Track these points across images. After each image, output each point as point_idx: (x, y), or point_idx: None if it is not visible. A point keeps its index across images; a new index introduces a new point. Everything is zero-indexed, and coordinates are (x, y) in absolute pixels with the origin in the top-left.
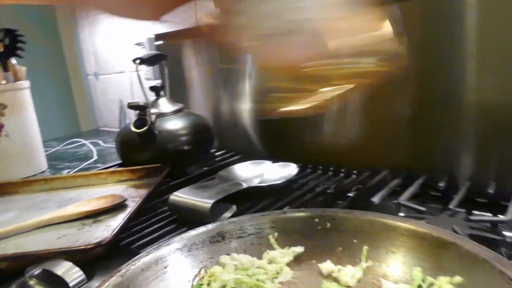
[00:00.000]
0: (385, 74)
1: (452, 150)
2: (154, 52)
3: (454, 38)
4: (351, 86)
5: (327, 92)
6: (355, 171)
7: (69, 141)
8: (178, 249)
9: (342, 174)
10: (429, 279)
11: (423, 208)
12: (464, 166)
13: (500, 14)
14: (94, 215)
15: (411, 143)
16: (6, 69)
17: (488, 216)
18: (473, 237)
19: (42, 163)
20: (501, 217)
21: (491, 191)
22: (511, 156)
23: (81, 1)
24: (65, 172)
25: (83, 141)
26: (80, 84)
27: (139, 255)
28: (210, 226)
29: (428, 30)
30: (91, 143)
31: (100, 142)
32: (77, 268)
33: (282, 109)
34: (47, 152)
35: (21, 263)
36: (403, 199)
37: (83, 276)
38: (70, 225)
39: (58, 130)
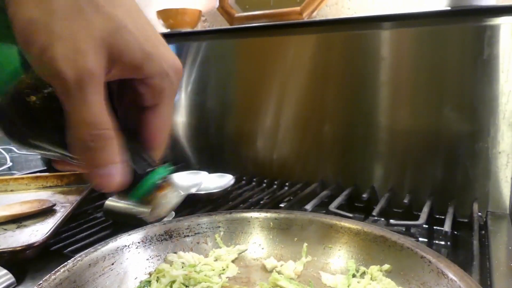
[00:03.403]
0: None
1: (372, 166)
2: None
3: (370, 68)
4: None
5: None
6: (287, 184)
7: None
8: (126, 246)
9: (275, 186)
10: (362, 268)
11: (350, 215)
12: (383, 181)
13: (410, 49)
14: (17, 220)
15: (339, 159)
16: None
17: (404, 221)
18: None
19: None
20: (414, 222)
21: (406, 201)
22: (422, 171)
23: None
24: None
25: None
26: None
27: (86, 251)
28: (157, 225)
29: (350, 61)
30: (3, 149)
31: (14, 148)
32: (5, 271)
33: None
34: None
35: None
36: (332, 207)
37: (13, 279)
38: None
39: None
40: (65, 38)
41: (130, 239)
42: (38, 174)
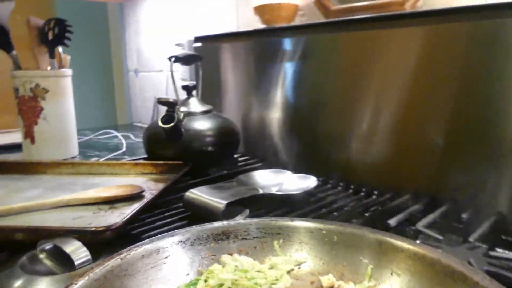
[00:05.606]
0: None
1: (480, 183)
2: (189, 52)
3: (498, 65)
4: None
5: None
6: (376, 192)
7: (102, 131)
8: (181, 241)
9: (362, 193)
10: None
11: (440, 237)
12: (492, 201)
13: None
14: (111, 202)
15: (438, 169)
16: (52, 56)
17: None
18: (489, 274)
19: (73, 149)
20: None
21: None
22: None
23: None
24: (93, 160)
25: (116, 133)
26: (121, 79)
27: (141, 242)
28: (216, 224)
29: (472, 55)
30: (123, 136)
31: (131, 136)
32: (85, 248)
33: None
34: (80, 140)
35: (35, 237)
36: (421, 225)
37: (89, 257)
38: (87, 208)
39: (95, 121)
40: None
41: (187, 235)
42: (138, 161)
